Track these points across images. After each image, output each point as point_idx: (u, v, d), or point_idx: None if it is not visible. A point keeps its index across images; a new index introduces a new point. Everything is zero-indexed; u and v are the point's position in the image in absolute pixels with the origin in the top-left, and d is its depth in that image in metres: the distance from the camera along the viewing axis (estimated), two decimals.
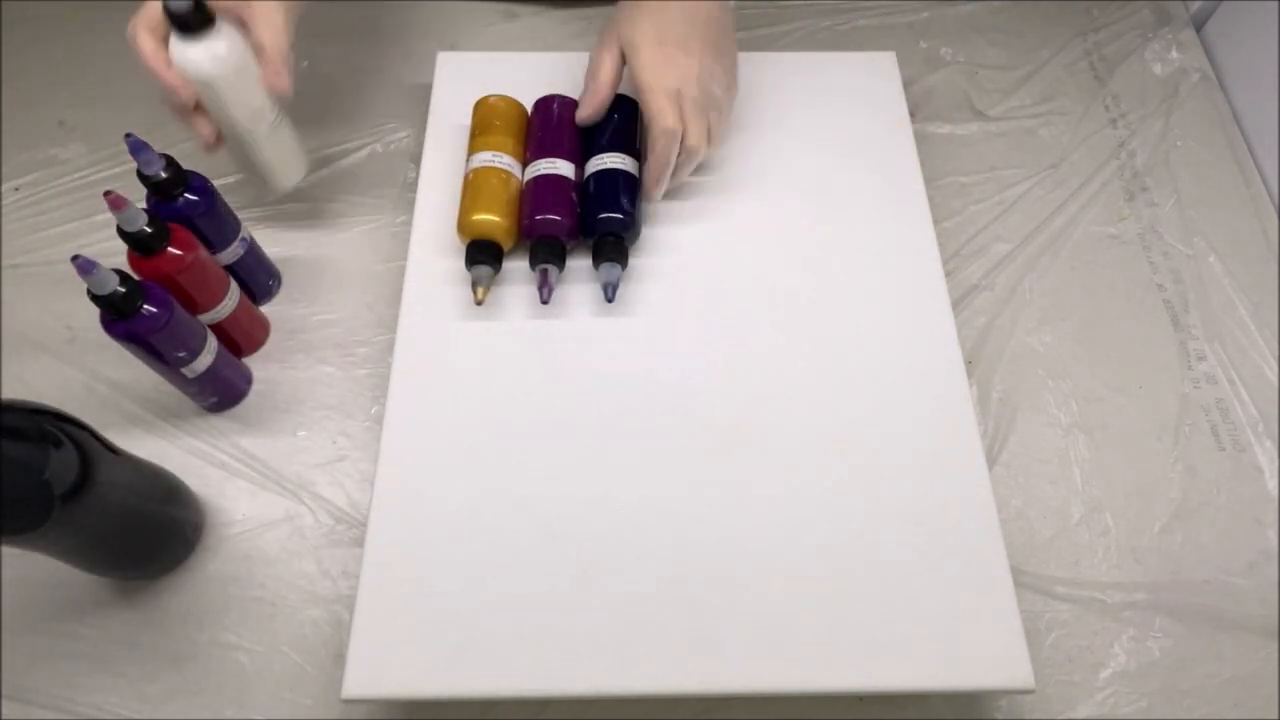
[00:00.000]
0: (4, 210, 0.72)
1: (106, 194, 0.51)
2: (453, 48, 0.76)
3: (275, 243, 0.70)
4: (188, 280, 0.56)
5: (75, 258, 0.48)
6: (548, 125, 0.64)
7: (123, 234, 0.53)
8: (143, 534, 0.55)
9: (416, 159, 0.74)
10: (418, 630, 0.50)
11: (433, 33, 0.80)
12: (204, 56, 0.54)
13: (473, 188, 0.61)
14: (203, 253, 0.57)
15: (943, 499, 0.53)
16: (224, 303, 0.60)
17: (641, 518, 0.53)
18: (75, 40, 0.80)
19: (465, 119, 0.66)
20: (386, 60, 0.80)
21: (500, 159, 0.62)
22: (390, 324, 0.65)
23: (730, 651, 0.49)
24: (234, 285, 0.61)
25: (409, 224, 0.64)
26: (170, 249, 0.55)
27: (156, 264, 0.55)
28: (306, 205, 0.72)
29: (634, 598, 0.51)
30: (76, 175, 0.73)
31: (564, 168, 0.61)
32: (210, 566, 0.58)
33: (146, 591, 0.57)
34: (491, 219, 0.59)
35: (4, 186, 0.73)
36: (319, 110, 0.77)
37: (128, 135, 0.53)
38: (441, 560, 0.52)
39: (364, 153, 0.75)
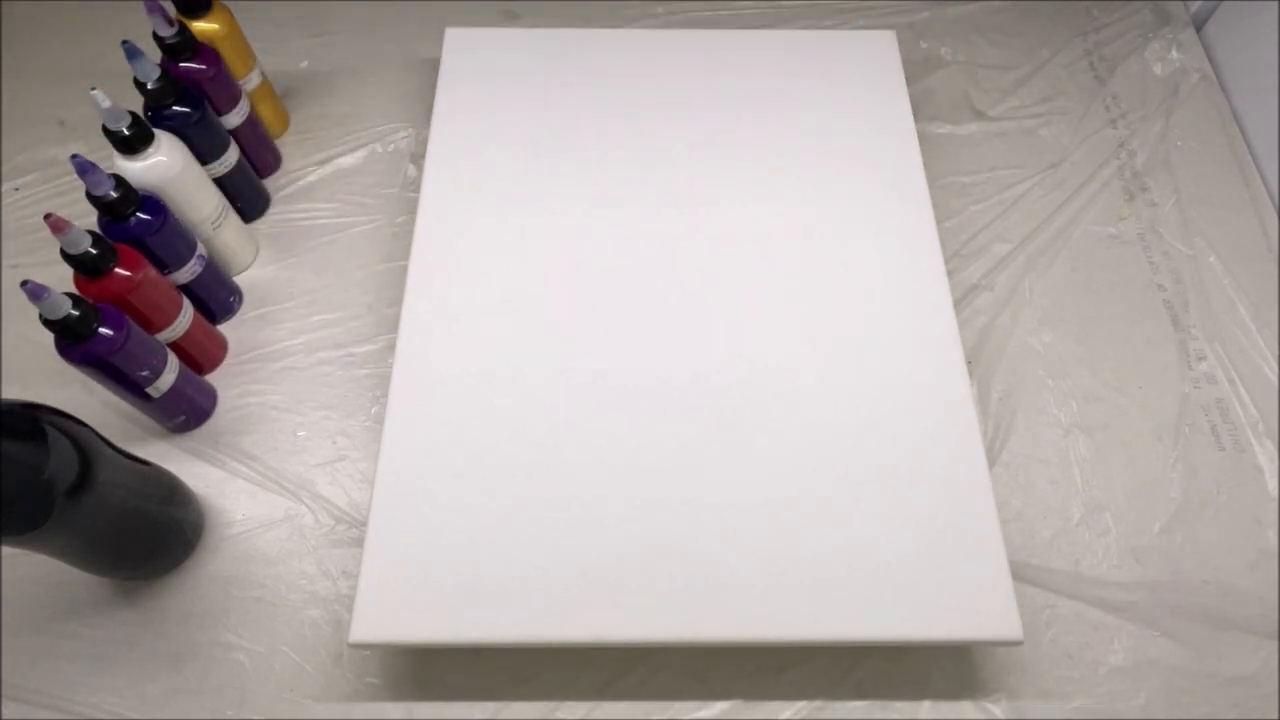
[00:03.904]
0: (4, 210, 0.72)
1: (47, 217, 0.50)
2: None
3: (276, 243, 0.70)
4: (137, 300, 0.56)
5: (25, 283, 0.48)
6: None
7: (66, 257, 0.53)
8: (143, 534, 0.55)
9: (416, 159, 0.74)
10: (423, 579, 0.51)
11: (431, 33, 0.80)
12: (143, 169, 0.58)
13: None
14: (151, 272, 0.57)
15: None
16: (177, 322, 0.60)
17: (642, 493, 0.53)
18: (75, 40, 0.80)
19: (473, 98, 0.66)
20: (385, 60, 0.80)
21: None
22: (390, 324, 0.65)
23: (729, 606, 0.50)
24: (187, 304, 0.61)
25: (409, 224, 0.64)
26: (117, 270, 0.54)
27: (104, 286, 0.54)
28: (306, 204, 0.72)
29: (634, 553, 0.51)
30: (76, 175, 0.73)
31: None
32: (210, 566, 0.58)
33: (146, 591, 0.57)
34: None
35: (4, 186, 0.73)
36: (319, 110, 0.77)
37: (74, 156, 0.53)
38: (448, 518, 0.52)
39: (364, 152, 0.75)
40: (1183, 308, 0.68)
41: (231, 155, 0.67)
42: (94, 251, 0.53)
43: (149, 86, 0.60)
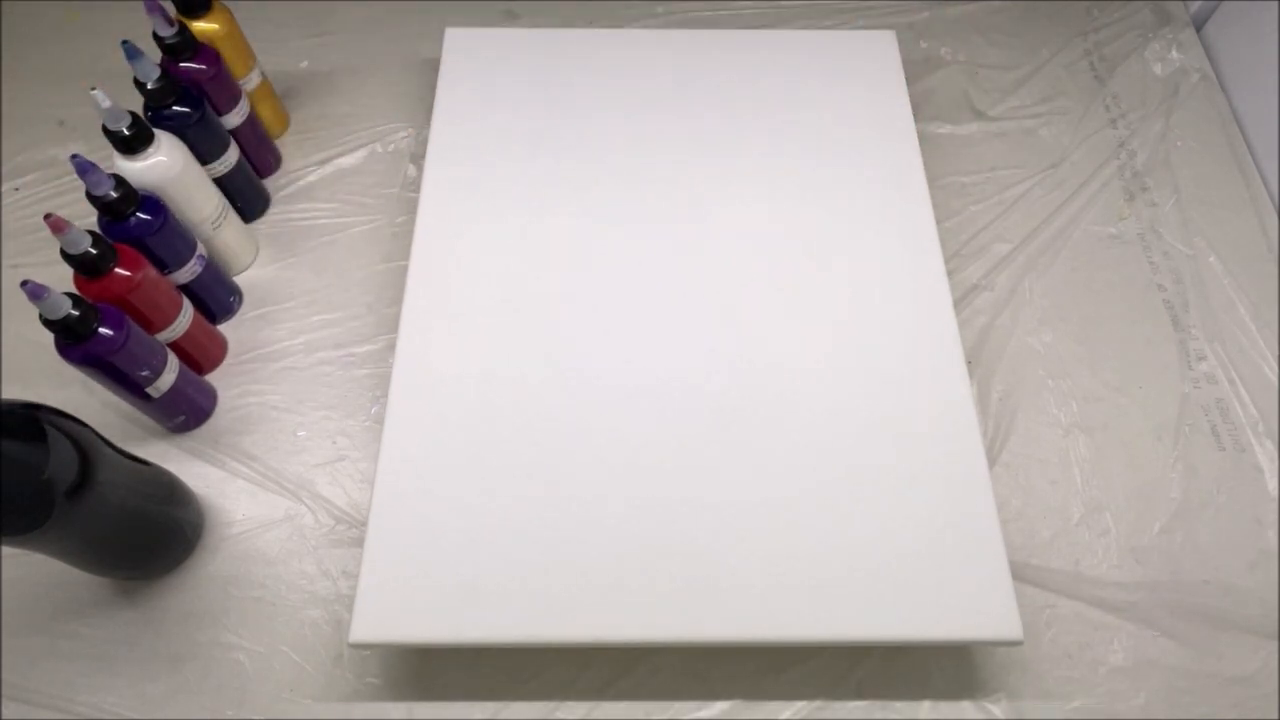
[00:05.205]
0: (4, 210, 0.72)
1: (47, 217, 0.50)
2: None
3: (276, 243, 0.70)
4: (137, 300, 0.56)
5: (25, 283, 0.48)
6: None
7: (67, 257, 0.53)
8: (143, 534, 0.55)
9: (416, 159, 0.74)
10: (423, 579, 0.51)
11: (432, 33, 0.80)
12: (143, 168, 0.58)
13: None
14: (151, 272, 0.57)
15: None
16: (177, 322, 0.60)
17: (642, 493, 0.53)
18: (75, 40, 0.80)
19: (473, 98, 0.66)
20: (385, 60, 0.80)
21: None
22: (390, 324, 0.65)
23: (729, 606, 0.50)
24: (187, 304, 0.61)
25: (409, 224, 0.64)
26: (117, 270, 0.54)
27: (104, 286, 0.54)
28: (306, 204, 0.72)
29: (634, 553, 0.52)
30: (76, 175, 0.73)
31: None
32: (210, 566, 0.58)
33: (146, 591, 0.57)
34: None
35: (4, 186, 0.73)
36: (319, 111, 0.77)
37: (74, 156, 0.53)
38: (448, 518, 0.52)
39: (364, 152, 0.75)
40: (1183, 308, 0.68)
41: (231, 155, 0.67)
42: (94, 251, 0.53)
43: (149, 86, 0.60)
